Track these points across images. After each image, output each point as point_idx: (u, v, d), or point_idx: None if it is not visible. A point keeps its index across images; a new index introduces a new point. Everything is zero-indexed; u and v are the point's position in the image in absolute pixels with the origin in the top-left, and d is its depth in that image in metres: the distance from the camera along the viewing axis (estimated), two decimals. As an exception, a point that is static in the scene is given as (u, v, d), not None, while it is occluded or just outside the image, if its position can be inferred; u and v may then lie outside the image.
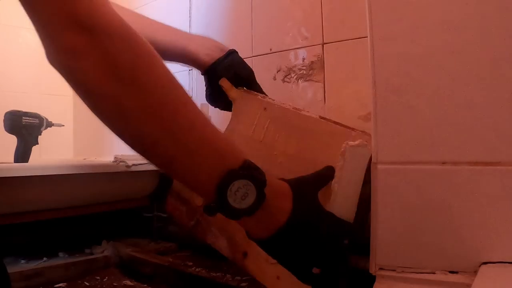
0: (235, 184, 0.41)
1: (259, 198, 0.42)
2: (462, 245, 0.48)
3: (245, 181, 0.41)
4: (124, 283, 0.84)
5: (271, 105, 0.70)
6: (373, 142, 0.54)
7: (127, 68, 0.37)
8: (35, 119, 1.20)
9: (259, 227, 0.45)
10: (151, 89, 0.39)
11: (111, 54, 0.36)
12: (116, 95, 0.38)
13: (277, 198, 0.45)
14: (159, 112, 0.39)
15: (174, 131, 0.40)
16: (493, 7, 0.46)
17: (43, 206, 0.92)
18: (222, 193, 0.41)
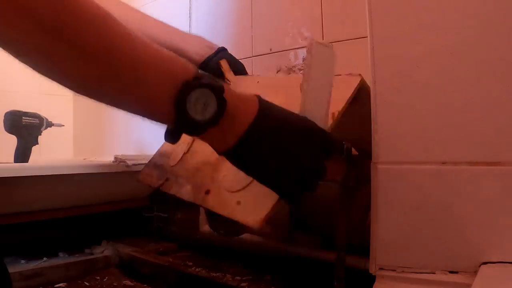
0: (193, 95, 0.39)
1: (220, 104, 0.40)
2: (462, 245, 0.48)
3: (202, 90, 0.39)
4: (124, 283, 0.84)
5: (263, 78, 0.73)
6: (373, 142, 0.54)
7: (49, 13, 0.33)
8: (35, 119, 1.20)
9: (226, 137, 0.43)
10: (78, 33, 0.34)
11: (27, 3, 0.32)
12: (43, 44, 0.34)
13: (241, 102, 0.43)
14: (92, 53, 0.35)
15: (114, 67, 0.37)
16: (493, 7, 0.46)
17: (43, 206, 0.92)
18: (182, 107, 0.38)
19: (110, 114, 1.48)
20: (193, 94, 0.39)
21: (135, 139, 1.39)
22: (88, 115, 1.62)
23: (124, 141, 1.45)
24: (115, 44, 0.37)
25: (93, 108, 1.56)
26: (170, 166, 0.72)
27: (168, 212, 1.10)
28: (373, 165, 0.54)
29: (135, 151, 1.36)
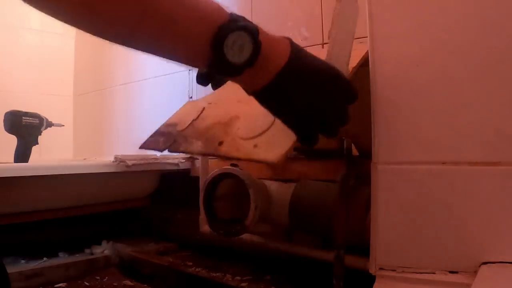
0: (230, 38, 0.39)
1: (256, 46, 0.41)
2: (462, 245, 0.48)
3: (238, 32, 0.40)
4: (124, 283, 0.84)
5: None
6: (373, 142, 0.54)
7: None
8: (35, 119, 1.20)
9: (258, 78, 0.44)
10: None
11: None
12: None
13: (274, 43, 0.44)
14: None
15: (153, 7, 0.37)
16: (493, 7, 0.46)
17: (43, 206, 0.92)
18: (220, 50, 0.39)
19: (110, 114, 1.48)
20: (230, 37, 0.39)
21: (135, 139, 1.39)
22: (88, 115, 1.62)
23: (124, 141, 1.45)
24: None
25: (93, 108, 1.57)
26: (177, 130, 0.70)
27: (168, 212, 1.10)
28: (373, 165, 0.54)
29: (135, 151, 1.36)
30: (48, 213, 0.93)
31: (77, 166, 0.92)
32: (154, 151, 0.76)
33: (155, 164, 1.00)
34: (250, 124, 0.54)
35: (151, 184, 1.11)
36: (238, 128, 0.59)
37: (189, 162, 1.05)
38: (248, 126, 0.57)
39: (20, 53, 1.51)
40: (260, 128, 0.56)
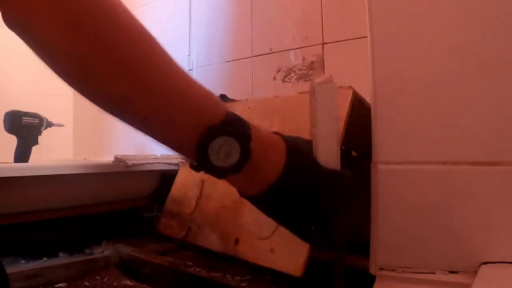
0: (217, 142, 0.37)
1: (244, 154, 0.38)
2: (462, 245, 0.48)
3: (227, 138, 0.38)
4: (124, 283, 0.84)
5: (253, 101, 0.72)
6: (373, 142, 0.54)
7: (89, 21, 0.33)
8: (35, 119, 1.20)
9: (249, 183, 0.42)
10: (117, 43, 0.34)
11: (70, 7, 0.32)
12: (80, 53, 0.33)
13: (267, 151, 0.41)
14: (129, 67, 0.35)
15: (147, 87, 0.36)
16: (493, 7, 0.46)
17: (43, 206, 0.92)
18: (203, 152, 0.37)
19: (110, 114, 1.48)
20: (217, 141, 0.38)
21: (135, 139, 1.39)
22: (88, 115, 1.62)
23: (124, 141, 1.45)
24: (153, 62, 0.36)
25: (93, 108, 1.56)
26: (187, 214, 0.73)
27: (168, 212, 1.10)
28: (373, 165, 0.54)
29: (135, 151, 1.36)
30: (48, 213, 0.93)
31: (77, 166, 0.92)
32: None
33: (155, 164, 1.00)
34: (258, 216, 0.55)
35: (151, 184, 1.11)
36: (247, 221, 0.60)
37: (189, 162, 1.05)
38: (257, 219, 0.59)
39: (20, 53, 1.51)
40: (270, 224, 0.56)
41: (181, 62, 1.32)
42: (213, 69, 1.15)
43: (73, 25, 0.32)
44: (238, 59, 1.08)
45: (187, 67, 1.23)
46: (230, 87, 1.10)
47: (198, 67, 1.20)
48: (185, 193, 0.76)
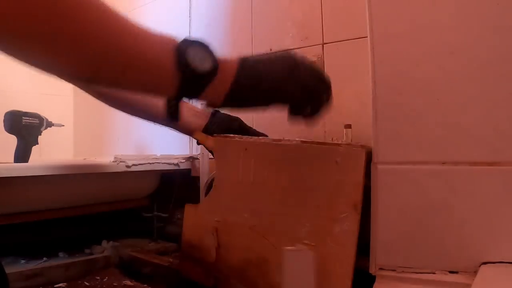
0: (190, 52, 0.43)
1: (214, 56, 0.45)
2: (462, 245, 0.48)
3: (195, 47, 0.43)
4: (124, 283, 0.84)
5: (250, 144, 0.69)
6: (373, 142, 0.54)
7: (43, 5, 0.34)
8: (35, 119, 1.20)
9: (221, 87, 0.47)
10: (75, 18, 0.36)
11: None
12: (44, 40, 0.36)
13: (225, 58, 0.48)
14: (92, 32, 0.38)
15: (115, 42, 0.39)
16: (493, 7, 0.46)
17: (43, 206, 0.92)
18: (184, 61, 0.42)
19: (110, 114, 1.48)
20: (190, 51, 0.43)
21: (135, 139, 1.39)
22: (88, 115, 1.62)
23: (124, 141, 1.45)
24: (112, 24, 0.39)
25: (93, 108, 1.56)
26: (210, 262, 0.73)
27: (168, 212, 1.10)
28: (373, 165, 0.54)
29: (135, 151, 1.36)
30: (48, 213, 0.93)
31: (77, 166, 0.92)
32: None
33: (155, 164, 1.00)
34: (291, 279, 0.57)
35: (151, 184, 1.11)
36: (279, 283, 0.61)
37: (189, 162, 1.05)
38: (290, 283, 0.59)
39: (20, 53, 1.51)
40: None
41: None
42: (213, 69, 1.15)
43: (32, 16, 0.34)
44: (238, 59, 1.08)
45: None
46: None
47: (198, 67, 1.20)
48: (199, 239, 0.75)
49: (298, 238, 0.60)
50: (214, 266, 0.72)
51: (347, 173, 0.55)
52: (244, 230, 0.67)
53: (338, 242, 0.55)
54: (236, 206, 0.70)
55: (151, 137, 1.32)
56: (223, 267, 0.71)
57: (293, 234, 0.61)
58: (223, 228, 0.72)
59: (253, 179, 0.67)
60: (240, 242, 0.69)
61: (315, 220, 0.59)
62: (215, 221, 0.73)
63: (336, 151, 0.57)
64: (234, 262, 0.70)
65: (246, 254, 0.68)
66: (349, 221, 0.54)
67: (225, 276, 0.71)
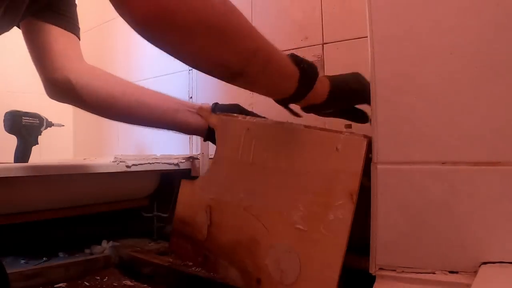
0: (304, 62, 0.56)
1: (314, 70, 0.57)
2: (462, 245, 0.48)
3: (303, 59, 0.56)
4: (124, 283, 0.84)
5: (253, 124, 0.69)
6: (373, 142, 0.54)
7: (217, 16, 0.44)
8: (35, 119, 1.20)
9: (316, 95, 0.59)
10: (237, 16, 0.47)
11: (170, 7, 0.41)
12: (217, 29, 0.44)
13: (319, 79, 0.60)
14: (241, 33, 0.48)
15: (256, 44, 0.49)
16: (493, 8, 0.46)
17: (43, 206, 0.92)
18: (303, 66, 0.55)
19: (110, 114, 1.48)
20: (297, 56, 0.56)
21: (135, 139, 1.39)
22: (88, 115, 1.62)
23: (124, 141, 1.45)
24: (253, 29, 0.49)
25: (93, 108, 1.56)
26: (200, 240, 0.73)
27: (168, 212, 1.10)
28: (373, 165, 0.54)
29: (135, 151, 1.36)
30: (48, 213, 0.93)
31: (77, 166, 0.92)
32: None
33: (155, 164, 1.00)
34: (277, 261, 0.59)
35: (151, 184, 1.11)
36: (267, 264, 0.60)
37: (189, 162, 1.05)
38: (276, 264, 0.60)
39: (20, 53, 1.51)
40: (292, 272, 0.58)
41: (181, 62, 1.31)
42: (213, 69, 1.15)
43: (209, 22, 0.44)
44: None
45: (187, 67, 1.23)
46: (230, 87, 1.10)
47: (198, 67, 1.20)
48: (192, 216, 0.75)
49: (291, 222, 0.60)
50: (204, 244, 0.72)
51: (346, 161, 0.55)
52: (238, 210, 0.67)
53: (331, 229, 0.55)
54: (233, 186, 0.69)
55: (151, 137, 1.32)
56: (213, 246, 0.71)
57: (287, 217, 0.61)
58: (217, 207, 0.72)
59: (253, 160, 0.67)
60: (233, 222, 0.69)
61: (310, 205, 0.58)
62: (209, 198, 0.72)
63: (338, 138, 0.57)
64: (225, 242, 0.69)
65: (237, 234, 0.67)
66: (343, 210, 0.54)
67: (215, 255, 0.71)
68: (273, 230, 0.62)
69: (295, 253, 0.59)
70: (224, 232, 0.70)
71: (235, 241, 0.68)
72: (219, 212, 0.71)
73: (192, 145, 1.17)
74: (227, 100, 0.84)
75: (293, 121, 0.65)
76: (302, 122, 0.64)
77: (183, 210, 0.78)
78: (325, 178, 0.57)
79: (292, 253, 0.59)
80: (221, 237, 0.70)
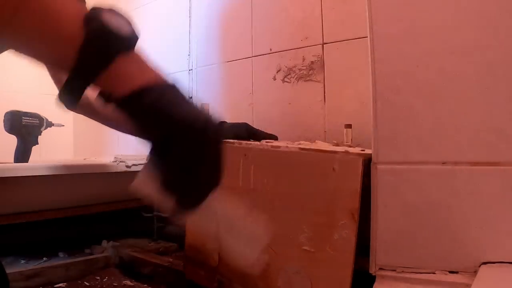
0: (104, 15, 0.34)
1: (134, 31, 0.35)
2: (462, 245, 0.48)
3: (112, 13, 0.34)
4: (124, 283, 0.84)
5: (249, 150, 0.69)
6: (373, 142, 0.54)
7: None
8: (35, 119, 1.20)
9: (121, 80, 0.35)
10: None
11: None
12: None
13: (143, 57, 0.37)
14: None
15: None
16: (493, 7, 0.46)
17: (43, 206, 0.92)
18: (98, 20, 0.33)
19: (110, 114, 1.48)
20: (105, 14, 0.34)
21: (135, 139, 1.39)
22: (88, 115, 1.62)
23: (124, 141, 1.45)
24: None
25: (93, 108, 1.56)
26: (212, 266, 0.74)
27: (168, 212, 1.10)
28: (373, 165, 0.54)
29: (135, 151, 1.36)
30: (48, 213, 0.93)
31: (77, 166, 0.92)
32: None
33: (155, 164, 1.00)
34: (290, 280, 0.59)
35: (151, 184, 1.11)
36: (279, 286, 0.62)
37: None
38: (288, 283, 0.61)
39: (20, 53, 1.51)
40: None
41: (181, 62, 1.32)
42: (213, 69, 1.15)
43: None
44: (238, 59, 1.08)
45: (187, 67, 1.23)
46: (230, 87, 1.10)
47: (198, 67, 1.20)
48: (202, 244, 0.76)
49: (298, 244, 0.60)
50: (217, 270, 0.73)
51: (344, 180, 0.56)
52: None
53: (337, 249, 0.56)
54: None
55: (151, 137, 1.31)
56: (226, 271, 0.72)
57: (293, 240, 0.61)
58: None
59: (254, 186, 0.68)
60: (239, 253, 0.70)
61: (314, 226, 0.59)
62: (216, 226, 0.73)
63: (333, 159, 0.57)
64: (235, 267, 0.70)
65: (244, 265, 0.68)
66: (347, 229, 0.55)
67: (228, 280, 0.72)
68: (282, 253, 0.63)
69: (305, 274, 0.59)
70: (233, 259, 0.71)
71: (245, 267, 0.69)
72: (231, 245, 0.73)
73: (192, 145, 1.17)
74: (227, 101, 0.84)
75: (288, 145, 0.66)
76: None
77: (192, 238, 0.79)
78: (325, 199, 0.58)
79: (302, 274, 0.60)
80: (232, 262, 0.72)
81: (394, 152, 0.52)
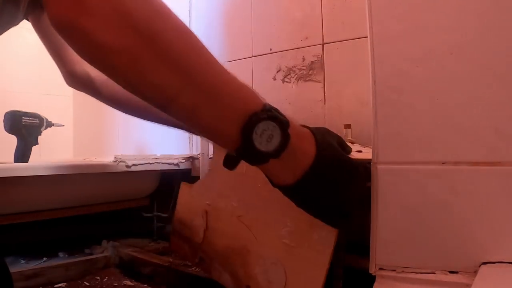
0: (260, 126, 0.40)
1: (285, 139, 0.42)
2: (462, 245, 0.48)
3: (269, 123, 0.41)
4: (124, 283, 0.84)
5: None
6: (373, 142, 0.54)
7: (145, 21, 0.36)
8: (35, 119, 1.20)
9: (285, 172, 0.45)
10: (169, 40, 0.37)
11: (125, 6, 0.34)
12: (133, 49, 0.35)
13: (301, 140, 0.45)
14: (179, 62, 0.38)
15: (195, 80, 0.39)
16: (493, 7, 0.46)
17: (43, 206, 0.92)
18: (248, 136, 0.40)
19: (110, 114, 1.49)
20: (260, 125, 0.40)
21: (135, 139, 1.39)
22: (88, 115, 1.62)
23: (124, 141, 1.45)
24: (202, 59, 0.40)
25: (93, 108, 1.57)
26: (197, 242, 0.74)
27: (168, 212, 1.10)
28: (373, 165, 0.54)
29: (135, 151, 1.36)
30: (48, 213, 0.93)
31: (77, 166, 0.92)
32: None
33: (155, 164, 1.00)
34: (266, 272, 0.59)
35: (151, 184, 1.11)
36: (256, 274, 0.62)
37: (189, 162, 1.05)
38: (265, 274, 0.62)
39: (20, 53, 1.51)
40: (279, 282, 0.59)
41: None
42: (213, 69, 1.15)
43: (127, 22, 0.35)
44: (238, 59, 1.08)
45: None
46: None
47: (198, 67, 1.20)
48: (190, 219, 0.76)
49: (279, 236, 0.61)
50: (201, 247, 0.73)
51: None
52: (232, 218, 0.69)
53: (315, 248, 0.56)
54: (227, 193, 0.70)
55: (151, 137, 1.32)
56: (209, 249, 0.72)
57: (275, 231, 0.62)
58: (213, 212, 0.73)
59: (246, 171, 0.67)
60: (227, 229, 0.70)
61: (297, 222, 0.59)
62: (206, 204, 0.74)
63: None
64: (219, 247, 0.71)
65: (230, 241, 0.69)
66: (327, 230, 0.55)
67: (210, 259, 0.72)
68: (263, 242, 0.63)
69: (281, 266, 0.59)
70: (219, 237, 0.71)
71: (229, 247, 0.69)
72: (215, 217, 0.72)
73: (192, 145, 1.17)
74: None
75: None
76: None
77: (182, 212, 0.79)
78: None
79: (279, 265, 0.60)
80: (216, 241, 0.72)
81: (394, 152, 0.52)
